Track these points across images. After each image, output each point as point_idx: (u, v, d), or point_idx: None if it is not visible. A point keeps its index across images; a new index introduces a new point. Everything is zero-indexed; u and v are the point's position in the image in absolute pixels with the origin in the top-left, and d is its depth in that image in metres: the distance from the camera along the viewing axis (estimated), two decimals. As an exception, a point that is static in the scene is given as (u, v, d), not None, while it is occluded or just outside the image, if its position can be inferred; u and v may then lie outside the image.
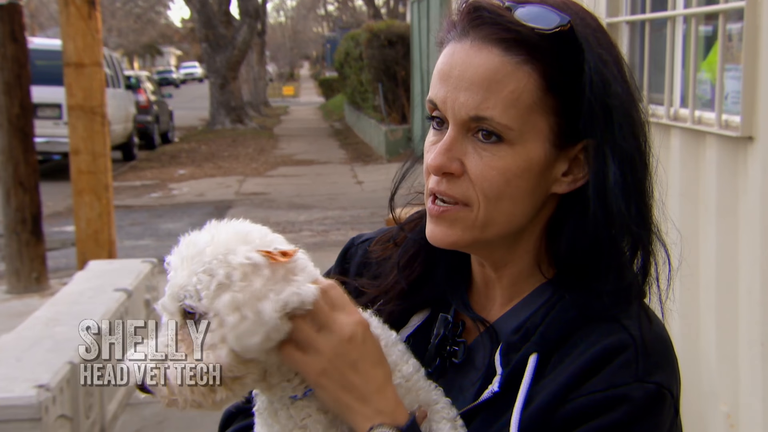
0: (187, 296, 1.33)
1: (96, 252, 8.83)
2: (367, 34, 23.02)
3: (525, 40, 1.35)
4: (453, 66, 1.38)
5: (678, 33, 4.32)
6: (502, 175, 1.38)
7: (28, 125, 9.14)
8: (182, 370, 1.33)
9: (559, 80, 1.37)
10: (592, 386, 1.34)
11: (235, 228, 1.41)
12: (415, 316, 1.59)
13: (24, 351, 5.12)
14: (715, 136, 3.80)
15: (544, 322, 1.43)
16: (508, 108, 1.35)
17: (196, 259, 1.35)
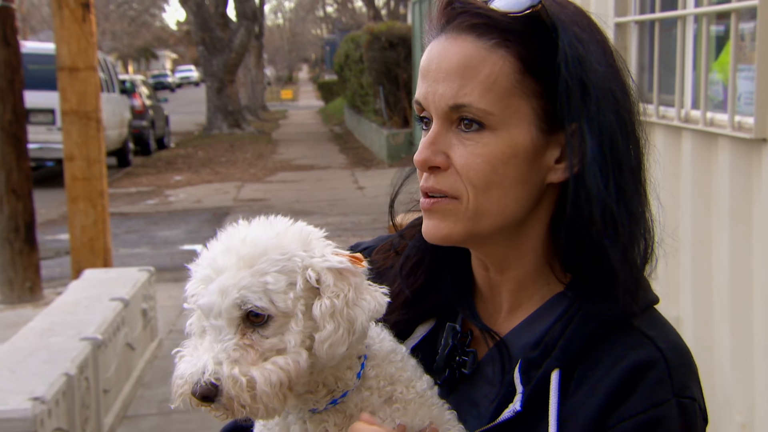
0: (254, 298, 1.27)
1: (91, 260, 8.73)
2: (368, 36, 22.98)
3: (496, 25, 1.36)
4: (431, 61, 1.41)
5: (689, 33, 4.26)
6: (488, 162, 1.37)
7: (21, 131, 9.05)
8: (270, 374, 1.27)
9: (537, 62, 1.37)
10: (632, 408, 1.33)
11: (289, 226, 1.38)
12: (420, 327, 1.56)
13: (18, 363, 5.04)
14: (728, 138, 3.74)
15: (563, 335, 1.39)
16: (485, 92, 1.35)
17: (262, 258, 1.30)
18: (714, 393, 3.92)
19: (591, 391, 1.35)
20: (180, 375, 1.29)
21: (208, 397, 1.25)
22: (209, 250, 1.36)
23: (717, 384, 3.92)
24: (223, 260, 1.31)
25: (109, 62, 22.65)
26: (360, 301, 1.34)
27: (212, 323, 1.29)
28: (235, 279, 1.28)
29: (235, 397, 1.25)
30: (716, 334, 3.93)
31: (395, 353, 1.44)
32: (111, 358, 5.96)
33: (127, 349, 6.53)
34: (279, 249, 1.32)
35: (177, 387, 1.29)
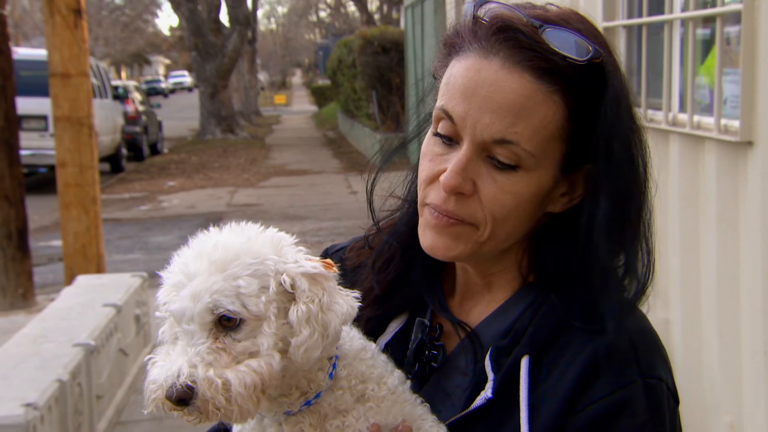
0: (226, 302, 1.28)
1: (84, 267, 8.73)
2: (361, 40, 23.01)
3: (559, 71, 1.35)
4: (480, 85, 1.36)
5: (676, 37, 4.29)
6: (515, 200, 1.40)
7: (13, 138, 9.05)
8: (245, 376, 1.27)
9: (581, 111, 1.38)
10: (600, 391, 1.36)
11: (261, 231, 1.38)
12: (392, 323, 1.59)
13: (11, 369, 5.03)
14: (715, 141, 3.76)
15: (532, 323, 1.43)
16: (534, 135, 1.36)
17: (234, 262, 1.30)
18: (702, 393, 3.94)
19: (560, 376, 1.38)
20: (153, 380, 1.29)
21: (183, 400, 1.25)
22: (180, 256, 1.36)
23: (705, 385, 3.94)
24: (194, 265, 1.31)
25: (101, 68, 22.61)
26: (333, 306, 1.35)
27: (184, 328, 1.30)
28: (207, 283, 1.29)
29: (211, 399, 1.25)
30: (704, 336, 3.95)
31: (365, 351, 1.46)
32: (104, 364, 5.96)
33: (120, 355, 6.53)
34: (251, 253, 1.33)
35: (150, 392, 1.29)
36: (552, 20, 1.38)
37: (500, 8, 1.40)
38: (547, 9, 1.43)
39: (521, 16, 1.37)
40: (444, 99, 1.41)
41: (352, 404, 1.40)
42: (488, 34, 1.38)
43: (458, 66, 1.40)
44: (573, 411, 1.36)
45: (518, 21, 1.37)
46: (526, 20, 1.36)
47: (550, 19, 1.38)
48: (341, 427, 1.39)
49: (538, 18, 1.37)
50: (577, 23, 1.40)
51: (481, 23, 1.39)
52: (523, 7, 1.41)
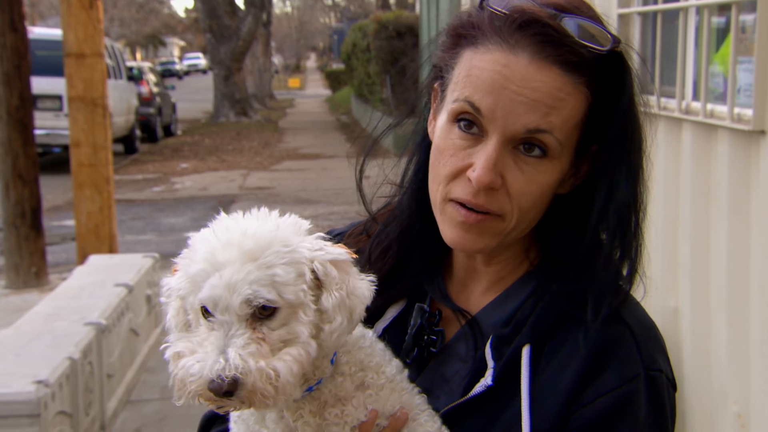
0: (264, 292, 1.27)
1: (96, 246, 8.78)
2: (375, 25, 22.93)
3: (585, 62, 1.37)
4: (509, 79, 1.36)
5: (690, 24, 4.26)
6: (540, 189, 1.42)
7: (28, 117, 9.08)
8: (291, 365, 1.27)
9: (602, 98, 1.41)
10: (606, 384, 1.38)
11: (284, 218, 1.38)
12: (390, 308, 1.59)
13: (23, 346, 5.08)
14: (727, 129, 3.74)
15: (534, 313, 1.44)
16: (564, 124, 1.38)
17: (266, 251, 1.29)
18: (710, 383, 3.94)
19: (562, 367, 1.40)
20: (191, 372, 1.26)
21: (229, 391, 1.24)
22: (202, 245, 1.34)
23: (713, 374, 3.93)
24: (224, 255, 1.29)
25: (116, 49, 22.66)
26: (357, 291, 1.36)
27: (219, 318, 1.28)
28: (242, 273, 1.27)
29: (260, 389, 1.25)
30: (713, 325, 3.94)
31: (363, 339, 1.46)
32: (115, 343, 6.01)
33: (131, 335, 6.58)
34: (282, 241, 1.32)
35: (187, 384, 1.27)
36: (566, 8, 1.39)
37: (508, 1, 1.40)
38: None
39: (538, 7, 1.37)
40: (468, 91, 1.40)
41: (352, 392, 1.40)
42: (512, 29, 1.37)
43: (480, 59, 1.39)
44: (578, 403, 1.38)
45: (540, 13, 1.37)
46: (547, 12, 1.37)
47: (563, 6, 1.39)
48: (340, 415, 1.39)
49: (552, 6, 1.38)
50: (587, 10, 1.42)
51: (501, 15, 1.39)
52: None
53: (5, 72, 8.83)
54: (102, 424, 5.56)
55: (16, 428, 4.32)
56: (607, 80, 1.40)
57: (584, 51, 1.37)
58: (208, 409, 1.71)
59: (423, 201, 1.55)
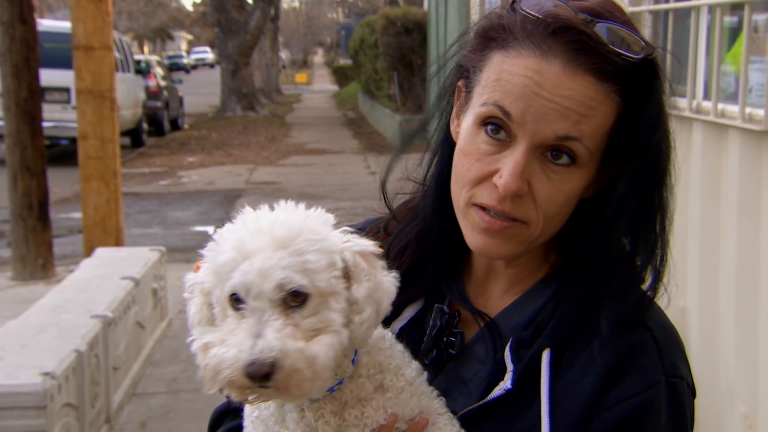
0: (297, 278, 1.26)
1: (103, 239, 8.78)
2: (383, 20, 22.89)
3: (619, 71, 1.35)
4: (541, 86, 1.35)
5: (702, 23, 4.24)
6: (566, 196, 1.41)
7: (36, 109, 9.09)
8: (327, 350, 1.26)
9: (631, 106, 1.39)
10: (627, 390, 1.37)
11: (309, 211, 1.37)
12: (408, 308, 1.58)
13: (30, 338, 5.08)
14: (738, 129, 3.73)
15: (554, 316, 1.43)
16: (594, 132, 1.37)
17: (297, 239, 1.29)
18: (718, 383, 3.93)
19: (583, 371, 1.39)
20: (226, 358, 1.24)
21: (267, 375, 1.22)
22: (229, 235, 1.33)
23: (721, 374, 3.92)
24: (254, 242, 1.28)
25: (124, 42, 22.67)
26: (383, 284, 1.36)
27: (251, 305, 1.26)
28: (274, 259, 1.26)
29: (299, 371, 1.23)
30: (722, 325, 3.93)
31: (383, 340, 1.45)
32: (121, 336, 6.02)
33: (137, 328, 6.58)
34: (311, 231, 1.32)
35: (221, 372, 1.25)
36: (600, 13, 1.36)
37: (541, 3, 1.38)
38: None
39: (572, 12, 1.35)
40: (497, 95, 1.38)
41: (372, 393, 1.39)
42: (545, 34, 1.35)
43: (511, 63, 1.37)
44: (600, 408, 1.37)
45: (574, 19, 1.35)
46: (581, 18, 1.35)
47: (597, 11, 1.37)
48: (360, 417, 1.38)
49: (586, 11, 1.36)
50: (620, 15, 1.40)
51: (534, 20, 1.37)
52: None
53: (14, 64, 8.84)
54: (108, 416, 5.57)
55: (22, 420, 4.33)
56: (638, 87, 1.38)
57: (617, 59, 1.34)
58: (220, 404, 1.70)
59: (444, 201, 1.53)
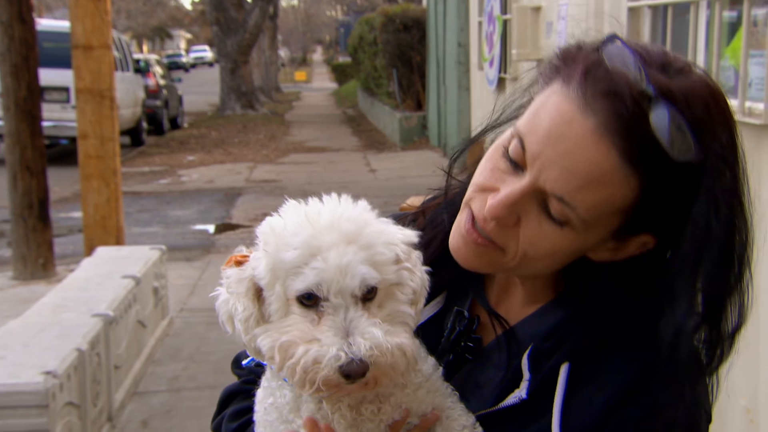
0: (374, 273, 1.27)
1: (104, 238, 8.78)
2: (382, 18, 22.86)
3: (647, 160, 1.27)
4: (564, 137, 1.29)
5: (701, 18, 4.24)
6: (552, 248, 1.36)
7: (36, 108, 9.08)
8: (411, 341, 1.29)
9: (657, 200, 1.30)
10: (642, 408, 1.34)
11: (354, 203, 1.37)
12: (427, 306, 1.56)
13: (31, 337, 5.08)
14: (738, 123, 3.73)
15: (576, 331, 1.40)
16: (594, 207, 1.31)
17: (363, 232, 1.29)
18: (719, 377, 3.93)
19: (599, 389, 1.36)
20: (319, 358, 1.23)
21: (362, 374, 1.23)
22: (290, 230, 1.31)
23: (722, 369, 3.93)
24: (323, 238, 1.27)
25: (123, 41, 22.65)
26: (425, 275, 1.39)
27: (333, 302, 1.25)
28: (349, 255, 1.26)
29: (394, 366, 1.25)
30: (722, 320, 3.93)
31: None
32: (122, 335, 6.02)
33: (139, 327, 6.59)
34: (373, 224, 1.32)
35: (314, 371, 1.24)
36: (672, 94, 1.26)
37: (622, 59, 1.29)
38: (677, 73, 1.31)
39: (638, 80, 1.26)
40: (526, 126, 1.35)
41: (392, 389, 1.38)
42: (597, 90, 1.28)
43: (554, 101, 1.32)
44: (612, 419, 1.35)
45: (634, 90, 1.26)
46: (643, 91, 1.26)
47: (670, 91, 1.27)
48: (376, 412, 1.38)
49: (659, 88, 1.26)
50: (698, 108, 1.28)
51: (598, 70, 1.29)
52: (652, 64, 1.30)
53: (13, 64, 8.83)
54: (109, 415, 5.57)
55: (24, 419, 4.34)
56: (670, 184, 1.28)
57: (651, 148, 1.25)
58: (231, 383, 1.71)
59: None
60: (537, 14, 8.17)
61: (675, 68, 1.31)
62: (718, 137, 1.28)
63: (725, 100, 1.35)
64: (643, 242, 1.38)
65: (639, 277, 1.41)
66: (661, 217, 1.33)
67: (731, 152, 1.32)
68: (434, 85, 19.14)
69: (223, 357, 6.61)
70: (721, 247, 1.31)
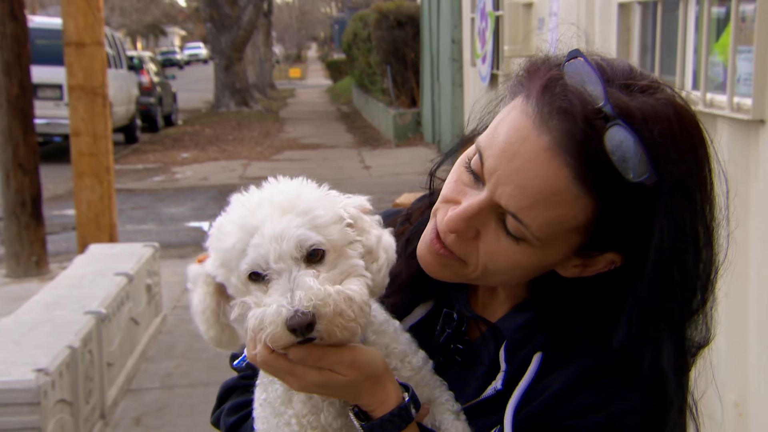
0: (312, 235, 1.29)
1: (97, 236, 8.78)
2: (376, 14, 22.86)
3: (599, 180, 1.25)
4: (518, 155, 1.29)
5: (691, 14, 4.25)
6: (512, 263, 1.36)
7: (28, 106, 9.07)
8: (360, 288, 1.28)
9: (613, 220, 1.29)
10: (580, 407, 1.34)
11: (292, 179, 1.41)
12: (419, 307, 1.57)
13: (23, 335, 5.08)
14: (727, 119, 3.75)
15: (549, 323, 1.41)
16: (548, 225, 1.30)
17: (298, 200, 1.32)
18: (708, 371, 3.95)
19: (556, 380, 1.37)
20: (267, 315, 1.24)
21: (310, 324, 1.23)
22: (228, 217, 1.34)
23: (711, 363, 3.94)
24: (256, 216, 1.29)
25: (117, 38, 22.61)
26: (385, 235, 1.40)
27: (273, 267, 1.26)
28: (283, 223, 1.27)
29: (340, 313, 1.24)
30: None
31: (388, 324, 1.46)
32: (115, 332, 6.02)
33: (131, 324, 6.59)
34: (308, 192, 1.35)
35: (261, 329, 1.25)
36: (631, 114, 1.24)
37: (582, 76, 1.27)
38: (640, 92, 1.28)
39: (596, 99, 1.24)
40: (486, 141, 1.35)
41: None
42: (553, 107, 1.26)
43: (513, 116, 1.32)
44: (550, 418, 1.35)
45: (588, 108, 1.24)
46: (597, 108, 1.24)
47: (629, 112, 1.24)
48: None
49: (618, 107, 1.24)
50: (658, 126, 1.25)
51: (556, 88, 1.28)
52: (614, 80, 1.28)
53: (5, 61, 8.82)
54: (102, 412, 5.58)
55: (16, 416, 4.34)
56: (625, 205, 1.26)
57: (604, 168, 1.24)
58: (229, 379, 1.73)
59: None
60: (529, 10, 8.18)
61: (639, 87, 1.29)
62: (677, 160, 1.25)
63: (695, 121, 1.31)
64: (610, 260, 1.36)
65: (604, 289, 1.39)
66: (623, 237, 1.31)
67: (694, 176, 1.29)
68: (428, 82, 19.13)
69: (216, 354, 6.57)
70: (674, 270, 1.29)
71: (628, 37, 4.73)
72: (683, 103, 1.31)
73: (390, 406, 1.33)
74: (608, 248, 1.34)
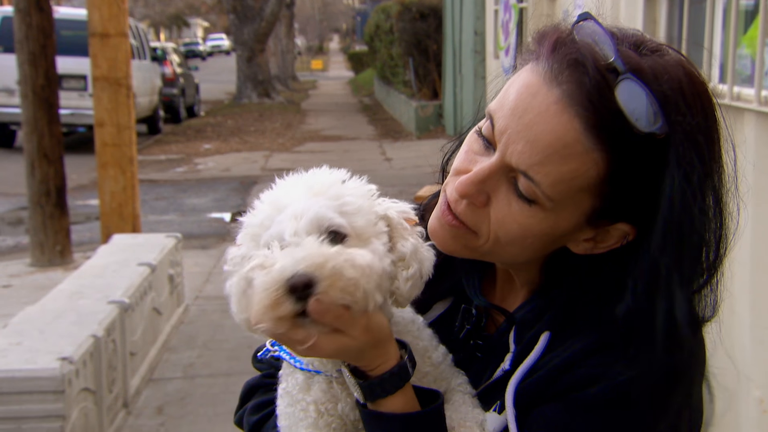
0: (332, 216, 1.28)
1: (120, 226, 8.84)
2: (399, 6, 22.84)
3: (612, 131, 1.25)
4: (529, 110, 1.29)
5: (718, 6, 4.21)
6: (523, 230, 1.34)
7: (53, 96, 9.13)
8: (364, 254, 1.26)
9: (625, 177, 1.28)
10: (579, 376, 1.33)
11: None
12: (437, 304, 1.58)
13: (48, 323, 5.13)
14: (754, 113, 3.71)
15: (558, 302, 1.41)
16: (558, 183, 1.29)
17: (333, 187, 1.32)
18: (732, 368, 3.92)
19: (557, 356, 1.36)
20: (268, 279, 1.22)
21: (308, 285, 1.20)
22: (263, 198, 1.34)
23: (736, 359, 3.91)
24: (288, 195, 1.30)
25: (140, 29, 22.72)
26: (424, 247, 1.37)
27: (287, 241, 1.25)
28: (308, 203, 1.27)
29: (340, 273, 1.21)
30: (737, 310, 3.92)
31: (413, 324, 1.46)
32: (138, 322, 6.06)
33: (154, 314, 6.63)
34: (348, 182, 1.35)
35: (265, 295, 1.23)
36: (641, 70, 1.25)
37: (593, 35, 1.29)
38: (650, 52, 1.30)
39: (606, 55, 1.26)
40: (496, 103, 1.35)
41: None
42: (563, 62, 1.27)
43: (522, 77, 1.33)
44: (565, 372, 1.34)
45: (599, 61, 1.25)
46: (607, 63, 1.25)
47: (640, 68, 1.25)
48: None
49: (629, 63, 1.25)
50: (668, 85, 1.26)
51: (565, 44, 1.29)
52: (623, 41, 1.29)
53: (31, 51, 8.88)
54: (125, 401, 5.62)
55: (40, 404, 4.38)
56: (637, 161, 1.26)
57: (615, 119, 1.24)
58: (252, 377, 1.72)
59: None
60: (553, 2, 8.13)
61: (648, 48, 1.31)
62: (687, 113, 1.26)
63: (703, 84, 1.32)
64: (623, 232, 1.35)
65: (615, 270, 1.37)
66: (634, 200, 1.30)
67: (704, 133, 1.29)
68: (450, 74, 19.09)
69: (237, 345, 6.64)
70: (683, 227, 1.28)
71: (654, 29, 4.69)
72: (692, 67, 1.32)
73: (389, 365, 1.32)
74: (620, 217, 1.33)
